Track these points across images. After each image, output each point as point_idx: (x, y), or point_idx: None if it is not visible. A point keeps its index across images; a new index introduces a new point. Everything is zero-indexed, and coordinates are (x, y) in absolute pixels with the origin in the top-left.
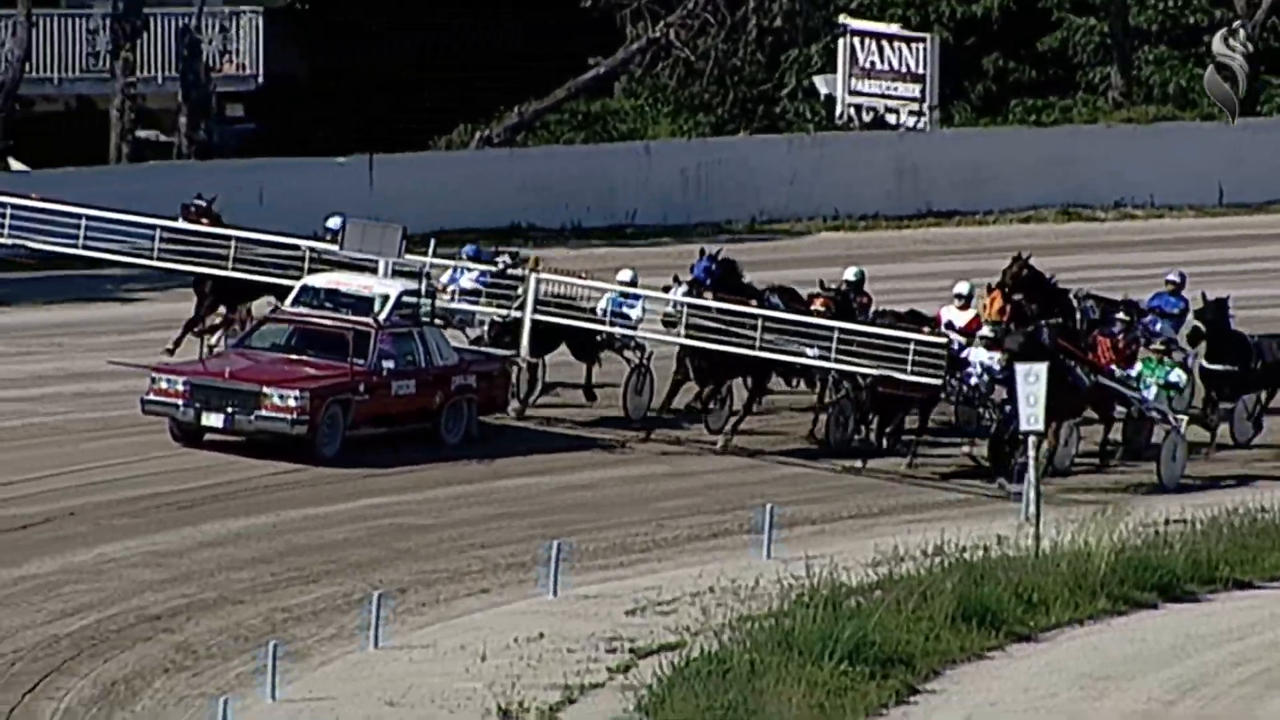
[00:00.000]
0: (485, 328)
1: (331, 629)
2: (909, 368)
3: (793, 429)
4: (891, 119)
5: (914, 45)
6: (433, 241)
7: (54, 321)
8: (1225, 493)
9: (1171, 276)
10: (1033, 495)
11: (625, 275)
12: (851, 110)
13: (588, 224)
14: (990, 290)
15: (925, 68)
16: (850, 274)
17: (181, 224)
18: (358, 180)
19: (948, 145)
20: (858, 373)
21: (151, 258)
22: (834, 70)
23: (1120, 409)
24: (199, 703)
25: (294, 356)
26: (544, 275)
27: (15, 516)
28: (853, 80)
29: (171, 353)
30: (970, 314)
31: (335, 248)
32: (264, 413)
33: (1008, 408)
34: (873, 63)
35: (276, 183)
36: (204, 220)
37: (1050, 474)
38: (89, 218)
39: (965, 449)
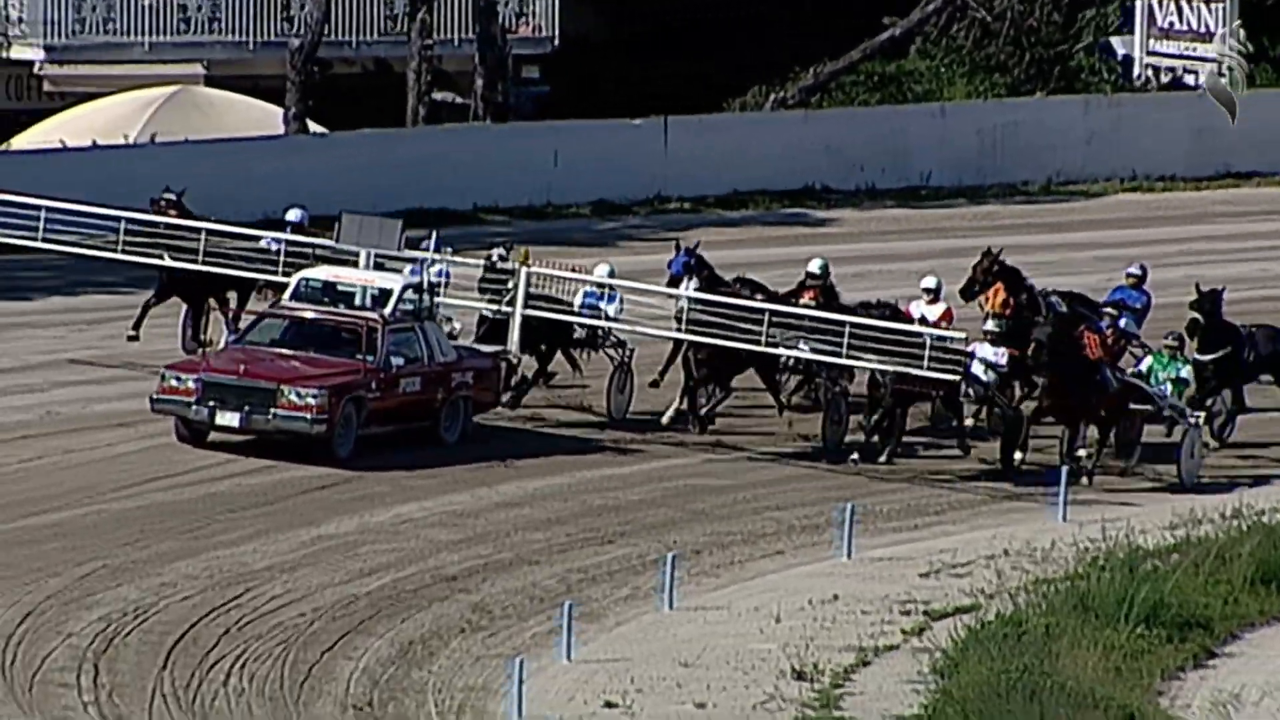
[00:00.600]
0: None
1: (626, 590)
2: (925, 364)
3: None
4: (1190, 80)
5: (1213, 6)
6: (434, 234)
7: None
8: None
9: (1133, 270)
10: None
11: (603, 270)
12: (1149, 71)
13: (881, 186)
14: (990, 284)
15: (1223, 27)
16: (815, 266)
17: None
18: (652, 142)
19: (1248, 106)
20: (875, 369)
21: (116, 251)
22: (1131, 30)
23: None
24: (494, 663)
25: (302, 353)
26: (535, 269)
27: (317, 477)
28: (1150, 40)
29: (135, 338)
30: (941, 308)
31: (289, 238)
32: (282, 411)
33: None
34: (1171, 23)
35: (571, 145)
36: (172, 213)
37: (1075, 474)
38: (49, 209)
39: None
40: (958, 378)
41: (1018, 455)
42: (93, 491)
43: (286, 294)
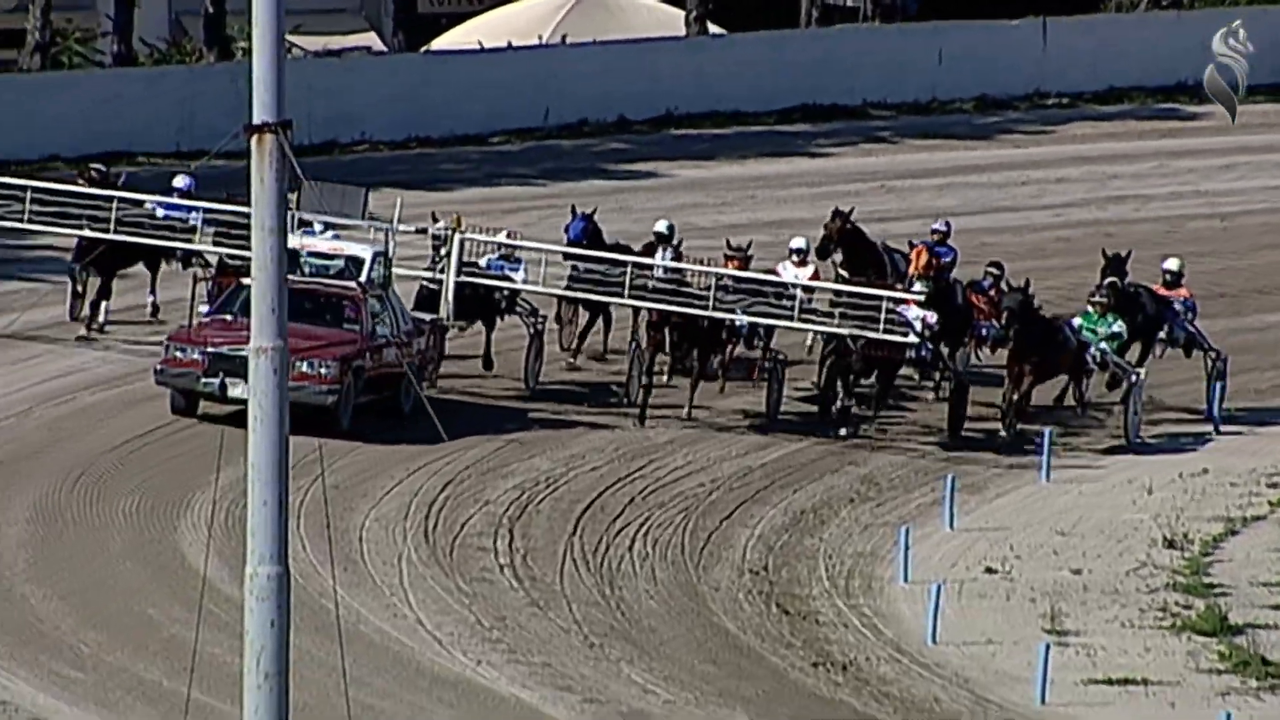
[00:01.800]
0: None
1: (1006, 463)
2: (881, 327)
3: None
4: None
5: None
6: (399, 200)
7: (750, 175)
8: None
9: (938, 226)
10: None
11: (661, 225)
12: None
13: (1251, 82)
14: (913, 246)
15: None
16: (661, 226)
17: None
18: (1030, 42)
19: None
20: (841, 334)
21: (22, 221)
22: None
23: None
24: (881, 531)
25: (293, 324)
26: (469, 235)
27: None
28: None
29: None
30: (810, 270)
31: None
32: (294, 383)
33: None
34: None
35: (953, 45)
36: (81, 183)
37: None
38: None
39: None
40: (915, 339)
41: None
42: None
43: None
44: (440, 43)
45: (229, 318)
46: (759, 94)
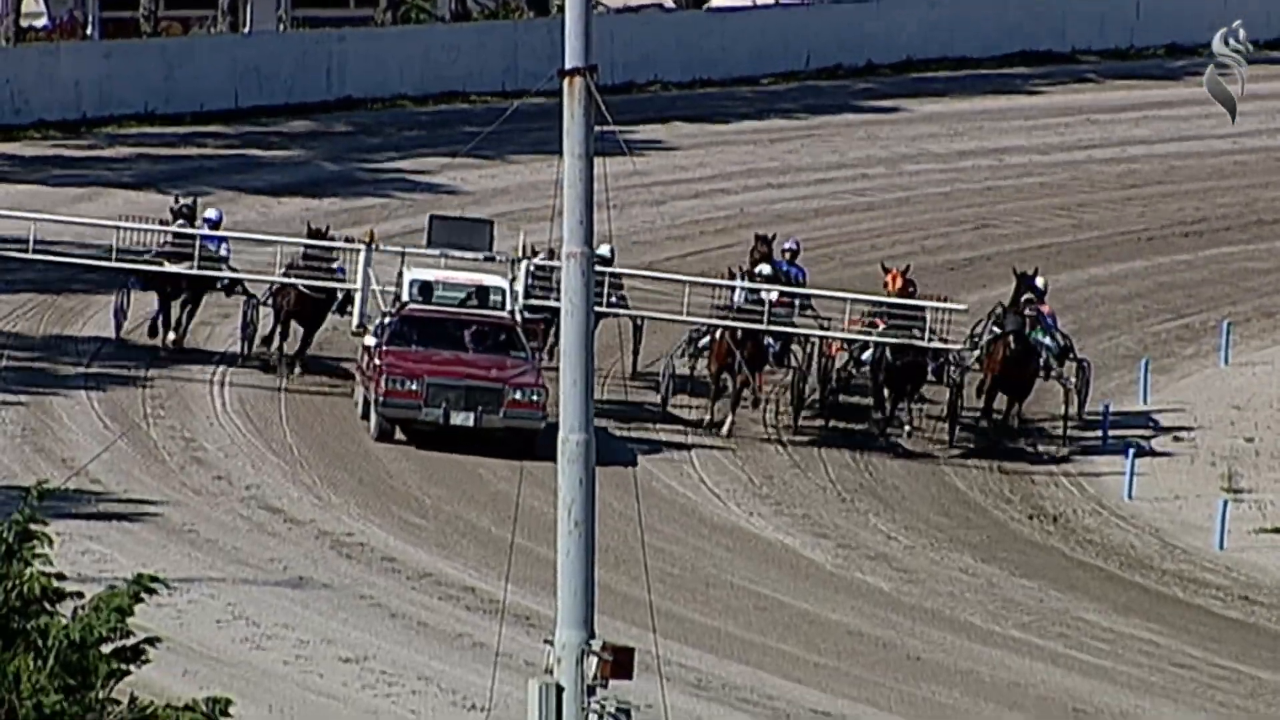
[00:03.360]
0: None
1: (1191, 348)
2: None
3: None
4: None
5: None
6: (522, 234)
7: (976, 110)
8: None
9: (789, 245)
10: None
11: (603, 250)
12: None
13: None
14: (887, 270)
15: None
16: (604, 250)
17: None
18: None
19: None
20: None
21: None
22: None
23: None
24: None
25: (473, 353)
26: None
27: (945, 262)
28: None
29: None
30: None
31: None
32: (510, 410)
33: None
34: None
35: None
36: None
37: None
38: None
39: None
40: (958, 347)
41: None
42: None
43: (404, 293)
44: (719, 1)
45: (413, 348)
46: (984, 42)
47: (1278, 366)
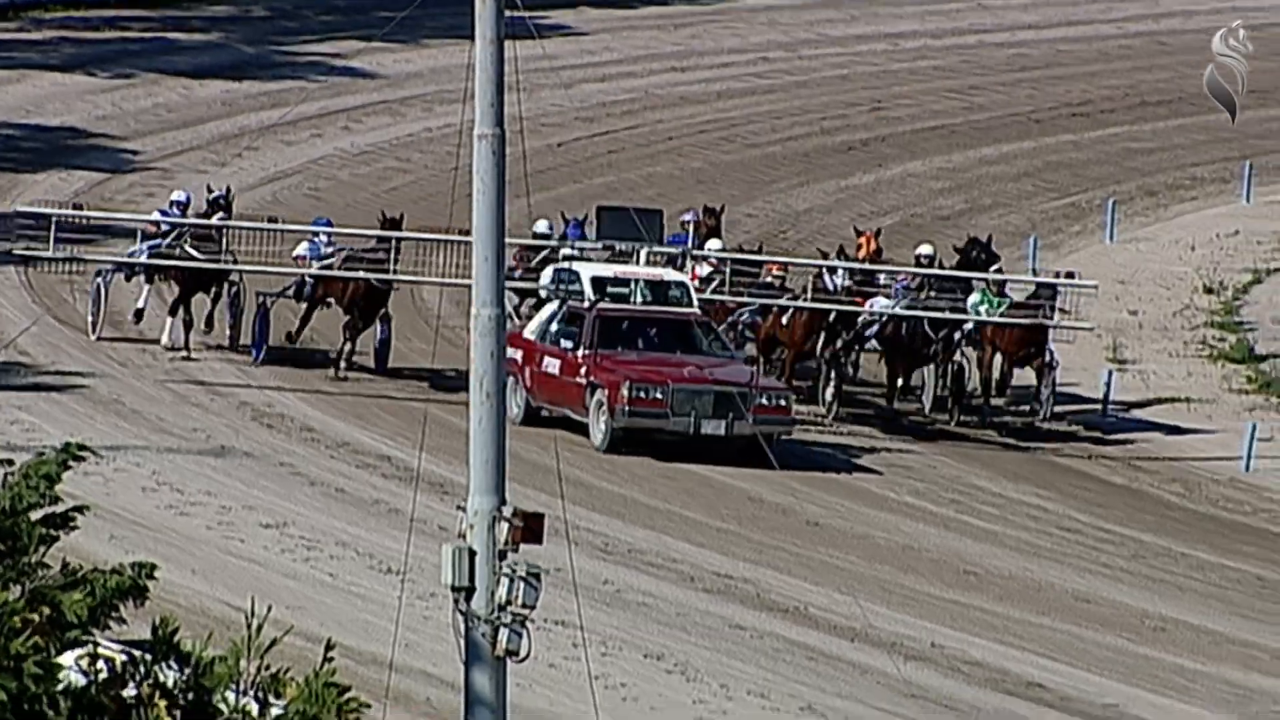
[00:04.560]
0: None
1: (1077, 225)
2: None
3: None
4: None
5: None
6: (690, 223)
7: None
8: None
9: (687, 217)
10: None
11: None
12: None
13: None
14: (859, 234)
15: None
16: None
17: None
18: None
19: None
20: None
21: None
22: None
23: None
24: None
25: (682, 354)
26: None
27: (841, 142)
28: None
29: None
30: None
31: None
32: (758, 415)
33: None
34: None
35: None
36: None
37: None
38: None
39: None
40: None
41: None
42: None
43: (588, 290)
44: None
45: (618, 350)
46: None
47: (1160, 243)
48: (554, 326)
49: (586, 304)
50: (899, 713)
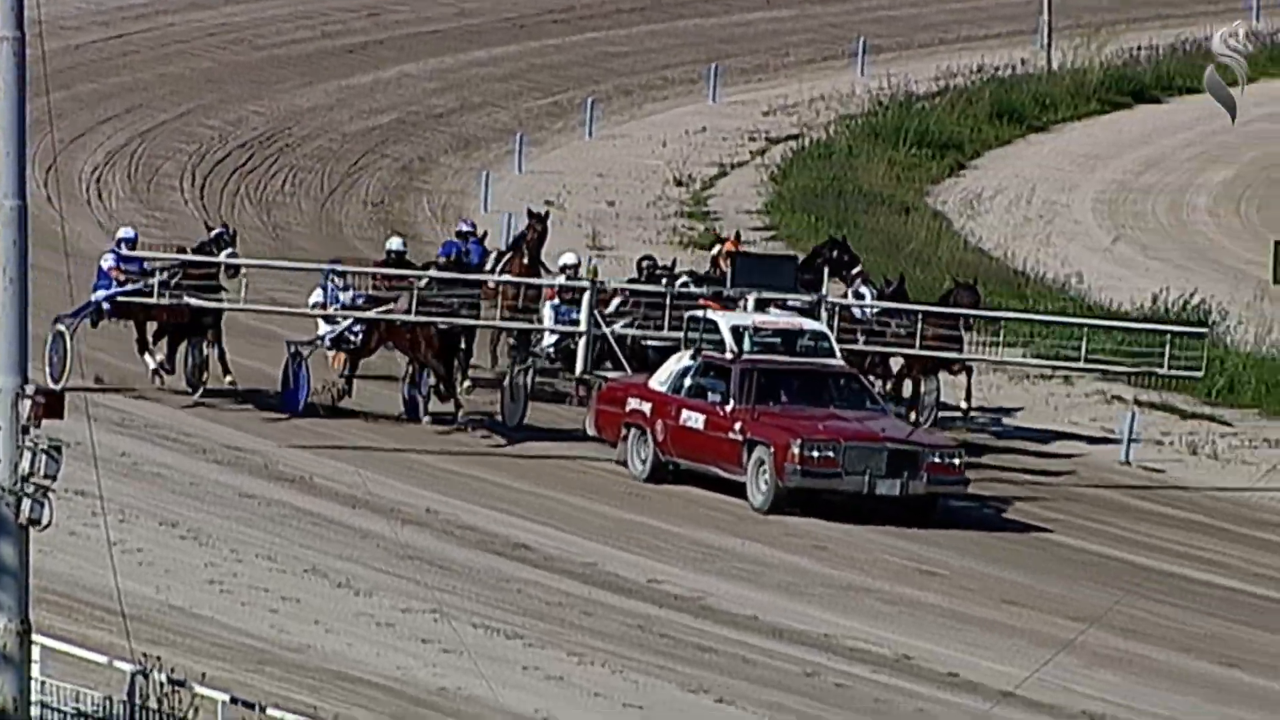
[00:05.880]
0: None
1: (560, 123)
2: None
3: None
4: None
5: None
6: (825, 270)
7: None
8: None
9: (464, 227)
10: None
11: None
12: None
13: None
14: (723, 242)
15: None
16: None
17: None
18: None
19: None
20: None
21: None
22: None
23: None
24: (469, 175)
25: (844, 409)
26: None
27: (342, 45)
28: None
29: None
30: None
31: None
32: (930, 474)
33: None
34: None
35: None
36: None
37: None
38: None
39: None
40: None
41: None
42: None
43: (729, 340)
44: None
45: (771, 405)
46: None
47: (636, 139)
48: (689, 379)
49: (729, 355)
50: (396, 573)
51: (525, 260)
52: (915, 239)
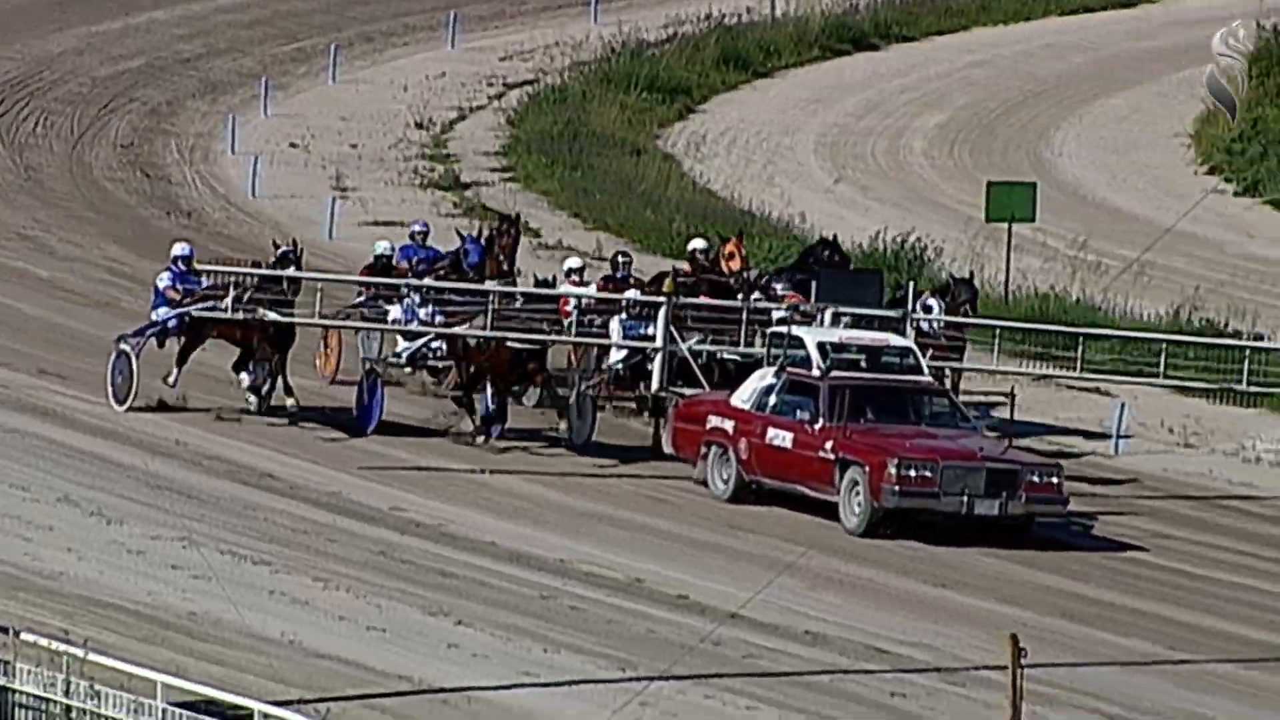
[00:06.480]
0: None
1: (304, 68)
2: None
3: None
4: None
5: None
6: (910, 285)
7: None
8: None
9: (418, 228)
10: None
11: (573, 262)
12: None
13: None
14: (725, 242)
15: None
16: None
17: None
18: None
19: None
20: None
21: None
22: None
23: None
24: (216, 117)
25: (939, 428)
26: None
27: None
28: None
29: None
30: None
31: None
32: (1029, 494)
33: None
34: None
35: None
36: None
37: None
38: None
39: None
40: None
41: None
42: None
43: (815, 357)
44: None
45: (862, 422)
46: None
47: (378, 84)
48: (773, 396)
49: (817, 372)
50: (146, 501)
51: (504, 267)
52: (646, 180)
